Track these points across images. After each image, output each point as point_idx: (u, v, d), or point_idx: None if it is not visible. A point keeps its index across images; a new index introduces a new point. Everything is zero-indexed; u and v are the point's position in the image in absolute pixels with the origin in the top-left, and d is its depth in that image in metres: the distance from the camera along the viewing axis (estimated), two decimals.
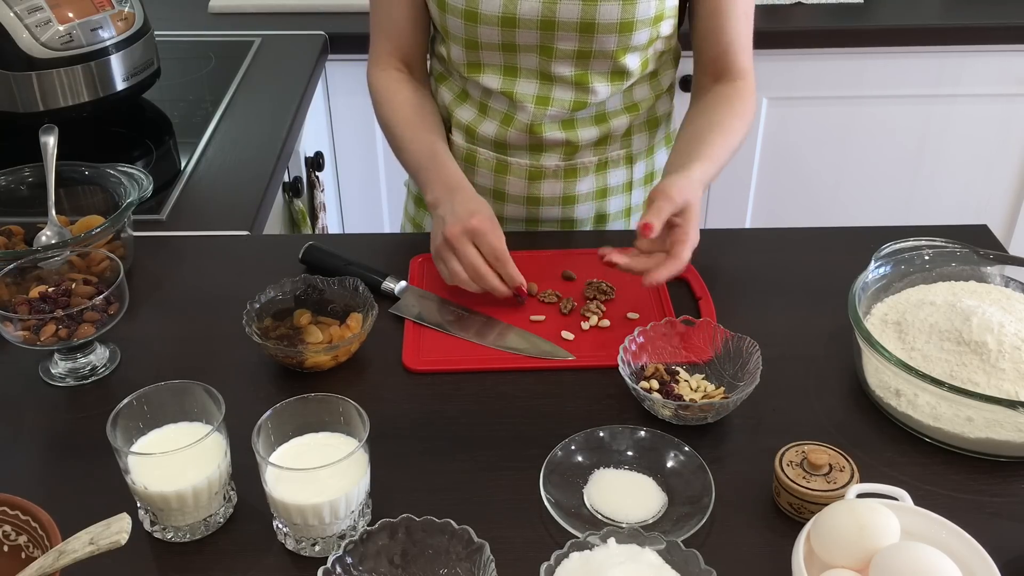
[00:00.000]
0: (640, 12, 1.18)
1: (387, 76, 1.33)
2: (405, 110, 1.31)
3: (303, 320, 1.09)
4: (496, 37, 1.22)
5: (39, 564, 0.74)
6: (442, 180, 1.20)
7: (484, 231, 1.10)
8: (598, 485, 0.92)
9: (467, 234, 1.10)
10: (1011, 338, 0.97)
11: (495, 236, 1.11)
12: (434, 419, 1.01)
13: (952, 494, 0.92)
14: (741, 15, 1.25)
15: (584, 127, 1.29)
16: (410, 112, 1.30)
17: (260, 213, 1.46)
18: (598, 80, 1.25)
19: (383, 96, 1.33)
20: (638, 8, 1.18)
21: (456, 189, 1.17)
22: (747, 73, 1.29)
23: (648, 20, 1.20)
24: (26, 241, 1.22)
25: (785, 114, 2.24)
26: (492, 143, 1.32)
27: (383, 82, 1.33)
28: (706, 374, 1.05)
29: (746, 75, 1.29)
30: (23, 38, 1.52)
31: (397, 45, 1.33)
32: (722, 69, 1.28)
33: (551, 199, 1.35)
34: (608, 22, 1.18)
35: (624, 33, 1.19)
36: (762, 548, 0.87)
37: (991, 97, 2.22)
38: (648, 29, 1.21)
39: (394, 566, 0.82)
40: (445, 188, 1.18)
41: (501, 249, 1.11)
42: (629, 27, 1.19)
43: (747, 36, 1.28)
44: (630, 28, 1.19)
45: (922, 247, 1.12)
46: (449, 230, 1.11)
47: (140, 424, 0.90)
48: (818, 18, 2.17)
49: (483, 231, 1.10)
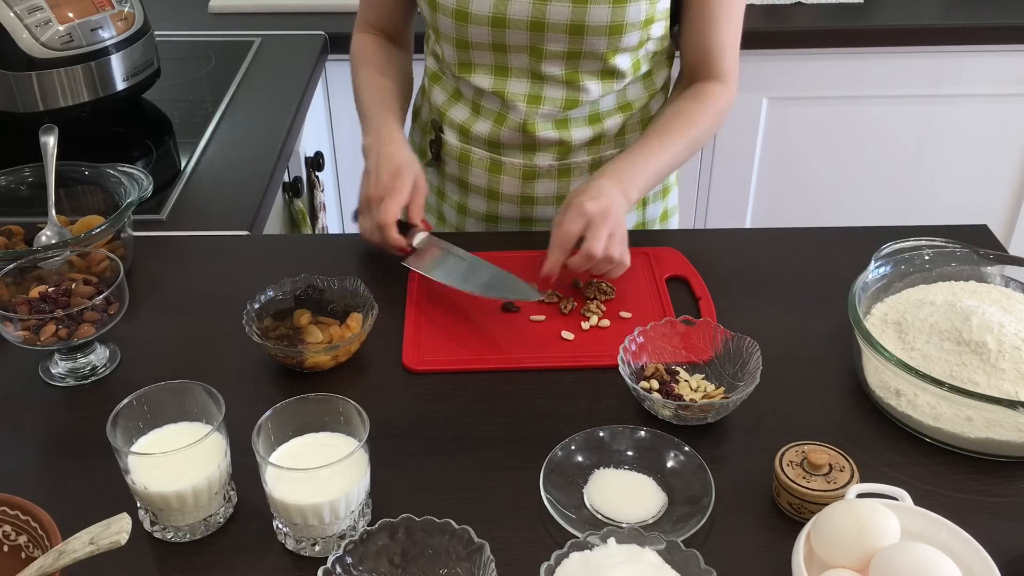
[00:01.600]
0: (630, 15, 1.18)
1: (363, 37, 1.40)
2: (368, 66, 1.36)
3: (303, 320, 1.09)
4: (486, 37, 1.22)
5: (39, 564, 0.74)
6: (375, 128, 1.26)
7: (394, 193, 1.17)
8: (598, 485, 0.92)
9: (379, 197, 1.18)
10: (1011, 338, 0.97)
11: (395, 202, 1.17)
12: (434, 419, 1.01)
13: (952, 494, 0.92)
14: (725, 20, 1.25)
15: (577, 127, 1.29)
16: (372, 67, 1.36)
17: (260, 213, 1.46)
18: (589, 79, 1.25)
19: (355, 52, 1.39)
20: (628, 11, 1.18)
21: (386, 141, 1.23)
22: (726, 76, 1.28)
23: (638, 23, 1.20)
24: (26, 241, 1.22)
25: (785, 114, 2.24)
26: (486, 142, 1.32)
27: (360, 42, 1.40)
28: (706, 374, 1.05)
29: (725, 78, 1.28)
30: (23, 38, 1.52)
31: (378, 17, 1.39)
32: (702, 68, 1.28)
33: (545, 198, 1.35)
34: (597, 24, 1.18)
35: (614, 35, 1.19)
36: (762, 548, 0.87)
37: (991, 97, 2.22)
38: (638, 32, 1.21)
39: (394, 566, 0.82)
40: (376, 136, 1.24)
41: (388, 217, 1.16)
42: (619, 29, 1.19)
43: (732, 42, 1.27)
44: (620, 31, 1.19)
45: (922, 247, 1.12)
46: (370, 191, 1.19)
47: (140, 424, 0.90)
48: (818, 18, 2.17)
49: (393, 193, 1.17)
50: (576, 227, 1.11)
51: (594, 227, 1.11)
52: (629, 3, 1.17)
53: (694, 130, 1.25)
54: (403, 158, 1.21)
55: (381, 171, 1.19)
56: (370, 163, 1.23)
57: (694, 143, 1.26)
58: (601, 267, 1.13)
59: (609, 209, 1.12)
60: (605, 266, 1.13)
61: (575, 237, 1.11)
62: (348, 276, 1.12)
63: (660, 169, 1.22)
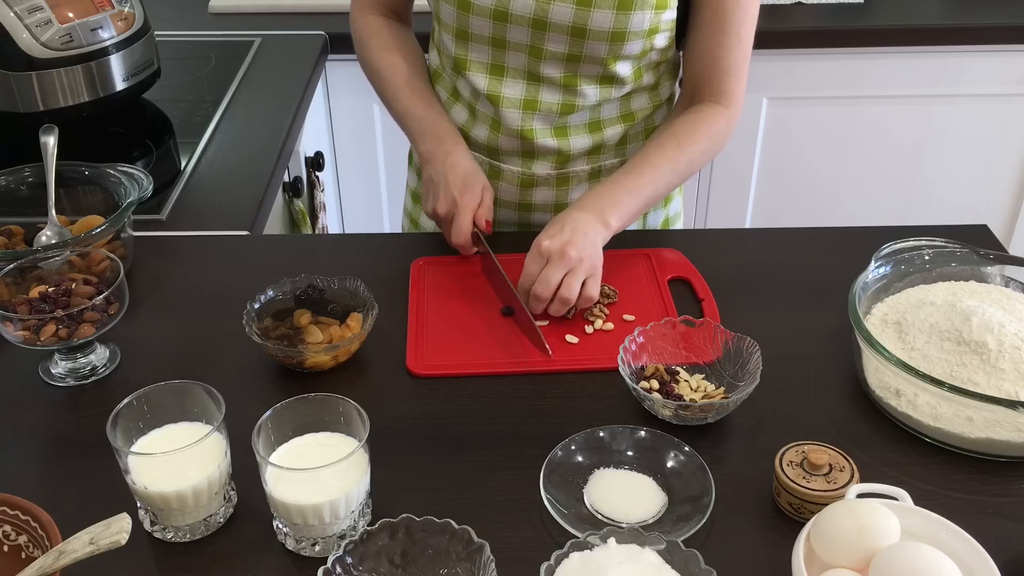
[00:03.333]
0: (634, 23, 1.17)
1: (370, 20, 1.36)
2: (392, 56, 1.32)
3: (303, 320, 1.09)
4: (487, 30, 1.21)
5: (39, 564, 0.74)
6: (434, 135, 1.26)
7: (465, 209, 1.20)
8: (598, 485, 0.92)
9: (451, 212, 1.21)
10: (1011, 338, 0.97)
11: (467, 219, 1.19)
12: (434, 419, 1.01)
13: (952, 494, 0.92)
14: (734, 34, 1.21)
15: (577, 135, 1.28)
16: (398, 58, 1.32)
17: (260, 213, 1.46)
18: (587, 83, 1.23)
19: (366, 36, 1.35)
20: (632, 19, 1.16)
21: (450, 152, 1.23)
22: (730, 98, 1.25)
23: (641, 32, 1.18)
24: (26, 241, 1.22)
25: (785, 114, 2.24)
26: (484, 148, 1.31)
27: (367, 24, 1.35)
28: (706, 374, 1.05)
29: (728, 99, 1.25)
30: (23, 38, 1.52)
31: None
32: (705, 87, 1.25)
33: (543, 206, 1.34)
34: (600, 29, 1.17)
35: (616, 42, 1.18)
36: (762, 548, 0.87)
37: (991, 97, 2.22)
38: (641, 41, 1.19)
39: (394, 566, 0.82)
40: (437, 141, 1.25)
41: (462, 239, 1.20)
42: (621, 36, 1.17)
43: (739, 62, 1.23)
44: (622, 38, 1.18)
45: (922, 247, 1.12)
46: (439, 208, 1.22)
47: (140, 424, 0.90)
48: (818, 18, 2.17)
49: (465, 211, 1.20)
50: (535, 268, 1.11)
51: (550, 266, 1.10)
52: (633, 11, 1.15)
53: (685, 155, 1.22)
54: (468, 167, 1.22)
55: (450, 185, 1.20)
56: (434, 172, 1.23)
57: (686, 167, 1.23)
58: (556, 308, 1.11)
59: (567, 247, 1.10)
60: (560, 307, 1.11)
61: (534, 278, 1.11)
62: (348, 276, 1.12)
63: (648, 195, 1.20)
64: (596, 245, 1.13)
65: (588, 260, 1.12)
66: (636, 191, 1.19)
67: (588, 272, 1.12)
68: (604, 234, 1.15)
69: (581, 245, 1.11)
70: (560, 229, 1.13)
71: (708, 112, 1.25)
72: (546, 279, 1.10)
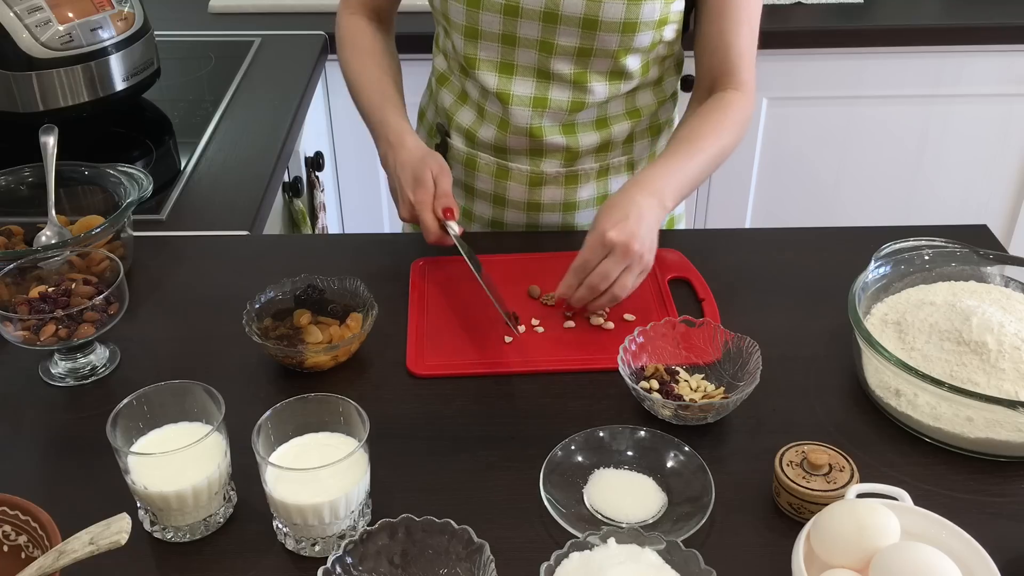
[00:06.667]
0: (645, 14, 1.17)
1: (355, 20, 1.38)
2: (364, 57, 1.34)
3: (303, 320, 1.09)
4: (497, 26, 1.21)
5: (39, 564, 0.74)
6: (382, 136, 1.26)
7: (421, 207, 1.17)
8: (598, 485, 0.92)
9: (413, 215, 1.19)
10: (1011, 338, 0.97)
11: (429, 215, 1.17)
12: (434, 419, 1.01)
13: (952, 494, 0.92)
14: (744, 21, 1.23)
15: (584, 132, 1.29)
16: (368, 59, 1.34)
17: (260, 213, 1.46)
18: (596, 79, 1.24)
19: (347, 38, 1.37)
20: (643, 9, 1.17)
21: (396, 147, 1.22)
22: (746, 84, 1.26)
23: (652, 23, 1.19)
24: (26, 241, 1.22)
25: (785, 114, 2.24)
26: (492, 148, 1.31)
27: (350, 25, 1.38)
28: (706, 374, 1.05)
29: (744, 85, 1.26)
30: (23, 38, 1.52)
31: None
32: (721, 76, 1.26)
33: (552, 205, 1.34)
34: (611, 20, 1.17)
35: (627, 33, 1.18)
36: (762, 548, 0.87)
37: (991, 97, 2.22)
38: (651, 32, 1.20)
39: (394, 566, 0.82)
40: (386, 144, 1.24)
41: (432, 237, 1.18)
42: (632, 27, 1.18)
43: (749, 45, 1.25)
44: (633, 29, 1.18)
45: (922, 247, 1.12)
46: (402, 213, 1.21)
47: (140, 424, 0.90)
48: (818, 18, 2.17)
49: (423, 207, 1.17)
50: (594, 257, 1.07)
51: (611, 259, 1.07)
52: (644, 1, 1.16)
53: (721, 140, 1.21)
54: (413, 158, 1.20)
55: (404, 186, 1.19)
56: (391, 177, 1.23)
57: (721, 152, 1.22)
58: (602, 302, 1.09)
59: (633, 240, 1.06)
60: (608, 303, 1.10)
61: (590, 268, 1.08)
62: (348, 276, 1.12)
63: (693, 176, 1.18)
64: (655, 238, 1.11)
65: (648, 256, 1.09)
66: (689, 173, 1.17)
67: (643, 269, 1.10)
68: (662, 217, 1.13)
69: (645, 239, 1.08)
70: (624, 216, 1.07)
71: (731, 99, 1.25)
72: (605, 273, 1.07)
